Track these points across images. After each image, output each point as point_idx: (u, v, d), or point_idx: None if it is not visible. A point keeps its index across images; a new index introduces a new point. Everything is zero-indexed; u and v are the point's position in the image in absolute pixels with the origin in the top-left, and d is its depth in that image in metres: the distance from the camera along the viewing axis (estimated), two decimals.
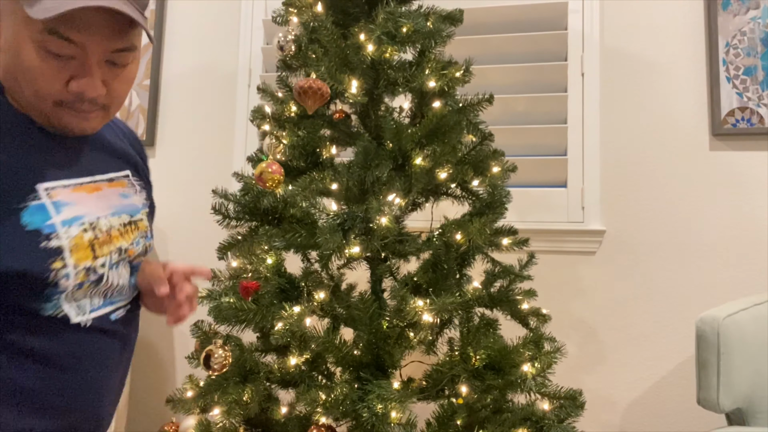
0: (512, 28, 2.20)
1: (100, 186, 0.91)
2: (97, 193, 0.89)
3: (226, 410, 1.34)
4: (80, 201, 0.86)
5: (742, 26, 1.99)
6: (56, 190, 0.83)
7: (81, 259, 0.83)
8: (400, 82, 1.52)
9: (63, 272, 0.80)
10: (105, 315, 0.88)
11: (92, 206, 0.87)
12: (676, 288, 2.00)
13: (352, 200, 1.42)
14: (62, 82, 0.78)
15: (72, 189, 0.85)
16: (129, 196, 0.96)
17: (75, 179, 0.86)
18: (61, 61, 0.77)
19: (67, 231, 0.82)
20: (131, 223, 0.94)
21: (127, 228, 0.93)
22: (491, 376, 1.33)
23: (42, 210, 0.80)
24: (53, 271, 0.79)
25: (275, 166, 1.28)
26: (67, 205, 0.83)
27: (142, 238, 0.97)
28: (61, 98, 0.79)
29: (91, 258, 0.84)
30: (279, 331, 1.30)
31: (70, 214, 0.83)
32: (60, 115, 0.81)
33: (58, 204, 0.82)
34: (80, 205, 0.85)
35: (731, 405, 1.49)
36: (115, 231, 0.90)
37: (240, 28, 2.42)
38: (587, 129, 2.09)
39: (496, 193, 1.52)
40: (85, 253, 0.83)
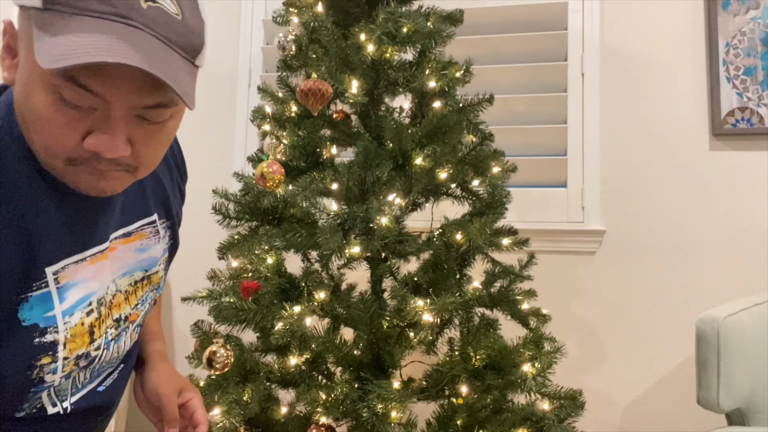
0: (512, 28, 2.20)
1: (114, 246, 0.77)
2: (112, 253, 0.77)
3: (226, 410, 1.34)
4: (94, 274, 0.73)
5: (742, 26, 1.99)
6: (67, 269, 0.70)
7: (75, 349, 0.71)
8: (401, 82, 1.52)
9: (50, 368, 0.69)
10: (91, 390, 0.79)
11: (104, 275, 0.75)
12: (676, 288, 2.00)
13: (352, 200, 1.42)
14: (78, 137, 0.61)
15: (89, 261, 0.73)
16: (147, 248, 0.83)
17: (94, 248, 0.73)
18: (78, 112, 0.60)
19: (68, 321, 0.70)
20: (144, 278, 0.83)
21: (138, 286, 0.81)
22: (491, 376, 1.33)
23: (45, 299, 0.68)
24: (37, 368, 0.68)
25: (276, 166, 1.28)
26: (74, 286, 0.71)
27: (151, 291, 0.86)
28: (75, 155, 0.62)
29: (87, 344, 0.73)
30: (279, 331, 1.30)
31: (75, 298, 0.71)
32: (73, 175, 0.64)
33: (65, 288, 0.70)
34: (92, 281, 0.73)
35: (731, 405, 1.49)
36: (120, 296, 0.78)
37: (240, 28, 2.42)
38: (587, 129, 2.09)
39: (496, 193, 1.52)
40: (81, 340, 0.72)
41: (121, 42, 0.56)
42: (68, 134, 0.61)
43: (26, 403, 0.70)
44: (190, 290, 1.53)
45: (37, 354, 0.67)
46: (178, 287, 2.37)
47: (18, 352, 0.66)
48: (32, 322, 0.67)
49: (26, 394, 0.69)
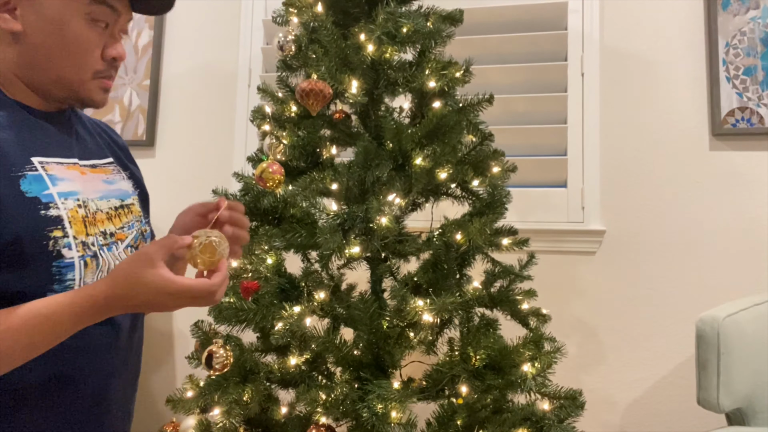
0: (512, 28, 2.20)
1: (84, 171, 0.92)
2: (84, 177, 0.91)
3: (226, 410, 1.34)
4: (73, 179, 0.87)
5: (742, 26, 1.99)
6: (50, 165, 0.85)
7: (79, 232, 0.84)
8: (400, 82, 1.52)
9: (63, 241, 0.81)
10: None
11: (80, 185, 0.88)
12: (676, 288, 2.00)
13: (352, 200, 1.42)
14: (99, 51, 0.86)
15: (65, 167, 0.87)
16: (114, 182, 0.97)
17: (66, 159, 0.89)
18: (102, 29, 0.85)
19: (65, 203, 0.83)
20: (122, 207, 0.95)
21: (119, 212, 0.94)
22: (491, 376, 1.33)
23: (39, 180, 0.82)
24: (53, 239, 0.80)
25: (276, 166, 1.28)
26: (61, 180, 0.85)
27: (136, 221, 0.98)
28: (99, 67, 0.87)
29: (85, 234, 0.85)
30: (279, 331, 1.30)
31: (65, 188, 0.85)
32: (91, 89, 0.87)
33: (54, 177, 0.84)
34: (74, 183, 0.87)
35: (731, 405, 1.49)
36: (102, 215, 0.90)
37: (240, 28, 2.42)
38: (587, 129, 2.09)
39: (496, 193, 1.52)
40: (80, 227, 0.85)
41: None
42: (95, 49, 0.86)
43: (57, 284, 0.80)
44: None
45: (47, 225, 0.80)
46: None
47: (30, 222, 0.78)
48: (33, 194, 0.80)
49: (51, 269, 0.79)
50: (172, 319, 2.38)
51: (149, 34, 2.48)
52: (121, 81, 2.49)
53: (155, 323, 2.37)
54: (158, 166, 2.43)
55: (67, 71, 0.85)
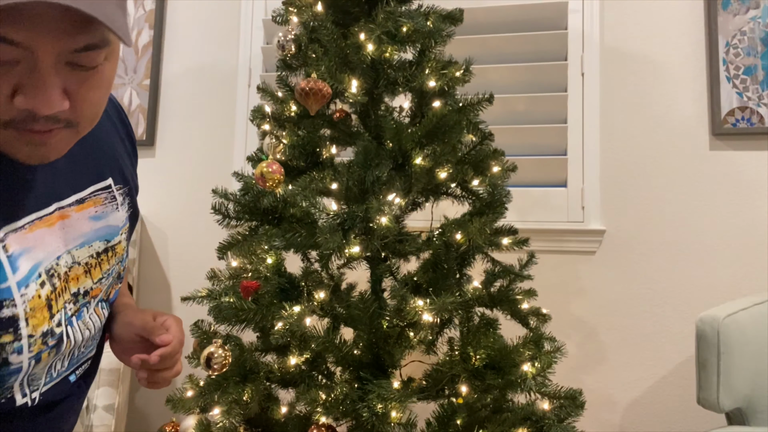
0: (512, 28, 2.20)
1: (66, 213, 0.71)
2: (62, 222, 0.70)
3: (226, 410, 1.34)
4: (38, 242, 0.67)
5: (742, 26, 1.99)
6: (9, 238, 0.64)
7: (38, 325, 0.66)
8: (400, 82, 1.52)
9: (13, 346, 0.63)
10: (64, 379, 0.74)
11: (53, 243, 0.69)
12: (676, 288, 2.00)
13: (352, 200, 1.42)
14: (5, 96, 0.55)
15: (28, 229, 0.66)
16: (104, 216, 0.77)
17: (33, 214, 0.67)
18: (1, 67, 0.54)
19: (25, 293, 0.64)
20: (107, 249, 0.77)
21: (101, 258, 0.76)
22: (491, 375, 1.33)
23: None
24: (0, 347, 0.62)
25: (275, 165, 1.28)
26: (22, 254, 0.65)
27: (117, 264, 0.80)
28: (7, 117, 0.57)
29: (48, 319, 0.67)
30: (279, 330, 1.30)
31: (27, 268, 0.65)
32: (10, 142, 0.59)
33: (14, 258, 0.64)
34: (37, 249, 0.66)
35: (731, 405, 1.49)
36: (79, 269, 0.72)
37: (240, 28, 2.42)
38: (587, 129, 2.09)
39: (496, 193, 1.52)
40: (42, 315, 0.66)
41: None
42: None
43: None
44: (190, 290, 1.53)
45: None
46: (178, 287, 2.37)
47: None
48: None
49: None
50: None
51: (149, 34, 2.48)
52: (121, 81, 2.49)
53: None
54: (158, 166, 2.43)
55: None
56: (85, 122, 0.62)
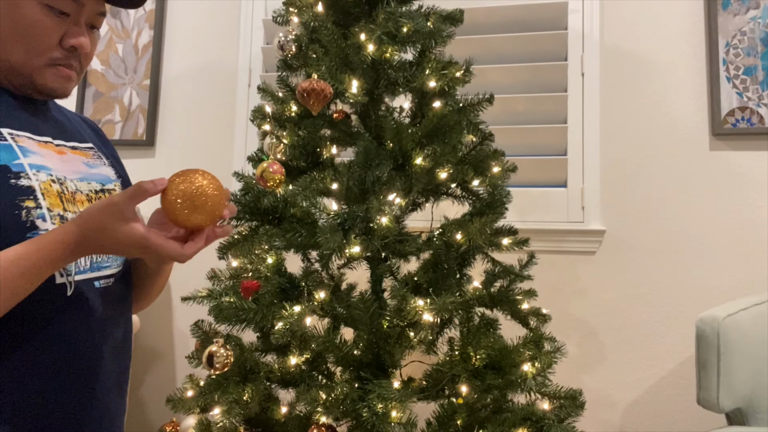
0: (512, 28, 2.20)
1: (64, 150, 0.89)
2: (62, 156, 0.88)
3: (226, 410, 1.34)
4: (46, 156, 0.84)
5: (742, 26, 1.99)
6: (21, 138, 0.82)
7: (53, 205, 0.80)
8: (401, 82, 1.52)
9: (37, 212, 0.78)
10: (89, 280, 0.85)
11: (58, 165, 0.85)
12: (676, 288, 2.00)
13: (352, 200, 1.42)
14: (58, 38, 0.82)
15: (38, 143, 0.84)
16: (96, 166, 0.94)
17: (40, 137, 0.86)
18: (59, 17, 0.82)
19: (36, 175, 0.80)
20: (104, 191, 0.92)
21: (99, 195, 0.90)
22: (491, 375, 1.33)
23: (8, 150, 0.79)
24: (25, 209, 0.77)
25: (276, 165, 1.28)
26: (33, 153, 0.82)
27: None
28: (55, 55, 0.83)
29: (62, 208, 0.82)
30: (279, 330, 1.30)
31: (37, 161, 0.81)
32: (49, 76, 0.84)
33: (24, 149, 0.81)
34: (46, 159, 0.84)
35: (731, 405, 1.49)
36: (82, 195, 0.87)
37: (240, 28, 2.42)
38: (587, 129, 2.09)
39: (496, 193, 1.52)
40: (55, 200, 0.81)
41: None
42: (53, 36, 0.82)
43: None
44: (190, 290, 1.53)
45: (18, 194, 0.77)
46: (178, 287, 2.37)
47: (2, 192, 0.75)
48: (2, 162, 0.77)
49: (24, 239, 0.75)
50: (172, 319, 2.38)
51: (149, 34, 2.48)
52: (121, 81, 2.49)
53: (155, 323, 2.37)
54: (158, 166, 2.43)
55: (19, 56, 0.81)
56: (83, 70, 0.90)
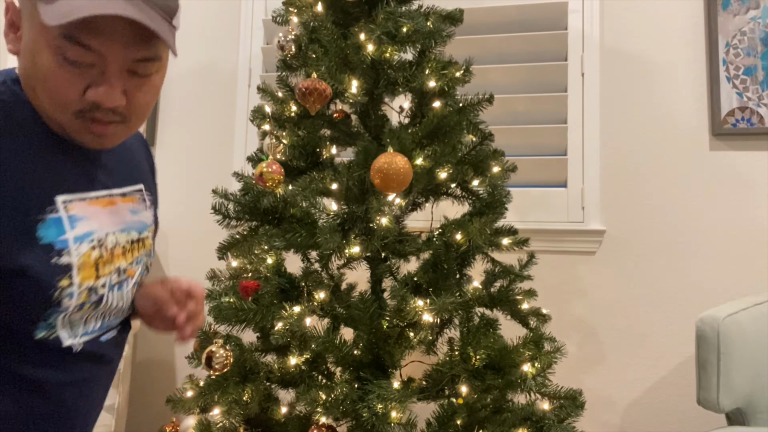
0: (512, 28, 2.20)
1: (114, 200, 0.87)
2: (111, 207, 0.86)
3: (226, 410, 1.34)
4: (94, 216, 0.82)
5: (742, 26, 1.99)
6: (73, 203, 0.79)
7: (86, 278, 0.79)
8: (400, 82, 1.52)
9: (68, 291, 0.76)
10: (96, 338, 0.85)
11: (104, 221, 0.84)
12: (676, 288, 2.00)
13: (352, 200, 1.42)
14: (80, 90, 0.73)
15: (88, 203, 0.82)
16: (138, 212, 0.92)
17: (92, 192, 0.83)
18: (79, 68, 0.71)
19: (78, 248, 0.78)
20: (138, 240, 0.90)
21: (134, 246, 0.89)
22: (491, 376, 1.33)
23: (58, 224, 0.76)
24: (59, 289, 0.75)
25: (275, 166, 1.28)
26: (81, 219, 0.79)
27: (146, 256, 0.93)
28: (80, 107, 0.74)
29: (94, 278, 0.80)
30: (279, 330, 1.30)
31: (83, 230, 0.79)
32: (77, 129, 0.76)
33: (74, 218, 0.78)
34: (93, 220, 0.81)
35: (731, 405, 1.49)
36: (119, 249, 0.86)
37: (240, 28, 2.42)
38: (587, 129, 2.09)
39: (496, 193, 1.52)
40: (90, 272, 0.80)
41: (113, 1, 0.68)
42: (72, 88, 0.72)
43: (42, 321, 0.76)
44: None
45: (56, 274, 0.75)
46: None
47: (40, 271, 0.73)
48: (48, 241, 0.74)
49: (45, 313, 0.75)
50: None
51: None
52: None
53: None
54: (158, 166, 2.42)
55: (47, 105, 0.75)
56: (135, 120, 0.79)
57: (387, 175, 1.23)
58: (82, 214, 0.80)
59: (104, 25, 0.69)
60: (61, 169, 0.79)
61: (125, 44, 0.72)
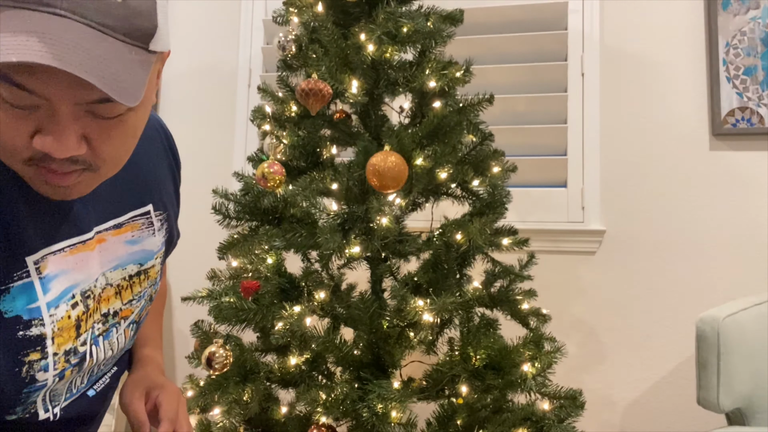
0: (512, 28, 2.20)
1: (103, 237, 0.73)
2: (100, 245, 0.73)
3: (226, 410, 1.34)
4: (77, 264, 0.69)
5: (742, 26, 1.99)
6: (47, 259, 0.66)
7: (63, 344, 0.68)
8: (401, 82, 1.52)
9: (40, 364, 0.65)
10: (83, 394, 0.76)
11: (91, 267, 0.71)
12: (676, 288, 2.00)
13: (352, 200, 1.42)
14: (26, 136, 0.56)
15: (68, 252, 0.68)
16: (140, 241, 0.79)
17: (74, 238, 0.69)
18: (22, 110, 0.55)
19: (54, 313, 0.66)
20: (140, 272, 0.79)
21: (133, 281, 0.78)
22: (491, 376, 1.33)
23: (28, 290, 0.64)
24: (27, 364, 0.64)
25: (276, 166, 1.28)
26: (57, 277, 0.67)
27: (149, 287, 0.82)
28: (28, 155, 0.58)
29: (74, 339, 0.69)
30: (279, 330, 1.30)
31: (59, 289, 0.67)
32: (32, 179, 0.61)
33: (47, 279, 0.66)
34: (75, 272, 0.69)
35: (731, 405, 1.49)
36: (110, 290, 0.74)
37: (240, 28, 2.42)
38: (587, 129, 2.09)
39: (496, 193, 1.52)
40: (68, 334, 0.68)
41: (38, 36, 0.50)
42: (15, 134, 0.56)
43: (19, 406, 0.66)
44: (190, 290, 1.53)
45: (23, 349, 0.64)
46: (178, 287, 2.37)
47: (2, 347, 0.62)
48: (15, 314, 0.63)
49: (19, 395, 0.65)
50: (172, 319, 2.38)
51: None
52: None
53: None
54: None
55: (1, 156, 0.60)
56: (107, 167, 0.62)
57: (382, 174, 1.23)
58: (58, 270, 0.67)
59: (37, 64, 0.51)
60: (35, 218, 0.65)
61: (74, 85, 0.53)
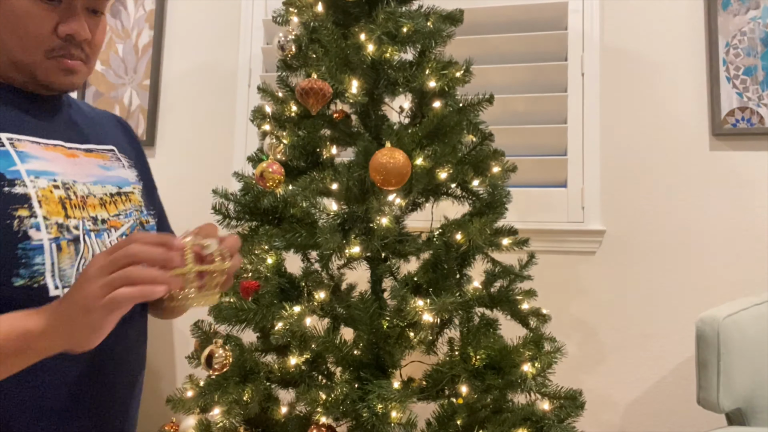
0: (512, 28, 2.20)
1: (75, 153, 0.86)
2: (72, 159, 0.85)
3: (226, 410, 1.34)
4: (53, 160, 0.81)
5: (742, 26, 1.99)
6: (23, 143, 0.79)
7: (52, 213, 0.77)
8: (401, 82, 1.52)
9: (30, 221, 0.74)
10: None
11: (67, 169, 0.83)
12: (676, 288, 2.00)
13: (352, 200, 1.42)
14: (51, 27, 0.79)
15: (43, 147, 0.81)
16: (112, 168, 0.91)
17: (47, 140, 0.83)
18: (49, 5, 0.78)
19: (34, 181, 0.77)
20: (120, 194, 0.90)
21: (114, 199, 0.88)
22: (491, 376, 1.33)
23: (5, 156, 0.76)
24: (17, 219, 0.73)
25: (276, 166, 1.29)
26: (34, 158, 0.79)
27: (135, 210, 0.91)
28: (52, 45, 0.79)
29: (63, 216, 0.78)
30: (279, 330, 1.30)
31: (37, 167, 0.78)
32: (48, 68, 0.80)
33: (24, 155, 0.78)
34: (53, 163, 0.81)
35: (731, 405, 1.49)
36: (94, 200, 0.84)
37: (240, 28, 2.42)
38: (587, 129, 2.09)
39: (496, 193, 1.52)
40: (55, 207, 0.78)
41: None
42: (44, 25, 0.78)
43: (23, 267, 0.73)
44: None
45: (11, 203, 0.74)
46: None
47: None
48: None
49: (16, 251, 0.73)
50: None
51: (149, 34, 2.48)
52: (121, 81, 2.49)
53: (155, 323, 2.37)
54: (158, 166, 2.43)
55: (17, 51, 0.79)
56: (93, 59, 0.86)
57: (387, 170, 1.23)
58: (36, 154, 0.80)
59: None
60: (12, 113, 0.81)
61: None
